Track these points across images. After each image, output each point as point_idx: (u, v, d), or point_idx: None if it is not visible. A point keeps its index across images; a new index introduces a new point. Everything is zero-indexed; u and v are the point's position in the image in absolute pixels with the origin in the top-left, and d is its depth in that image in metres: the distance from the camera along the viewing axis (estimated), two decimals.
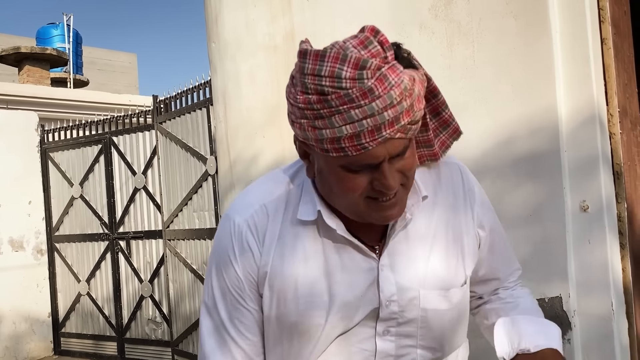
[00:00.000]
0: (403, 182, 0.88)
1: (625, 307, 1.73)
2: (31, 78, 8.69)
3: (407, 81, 0.80)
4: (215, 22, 2.74)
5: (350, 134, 0.80)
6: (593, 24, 1.74)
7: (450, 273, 0.98)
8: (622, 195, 1.77)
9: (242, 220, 0.95)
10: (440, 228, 0.98)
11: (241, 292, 0.96)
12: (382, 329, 0.95)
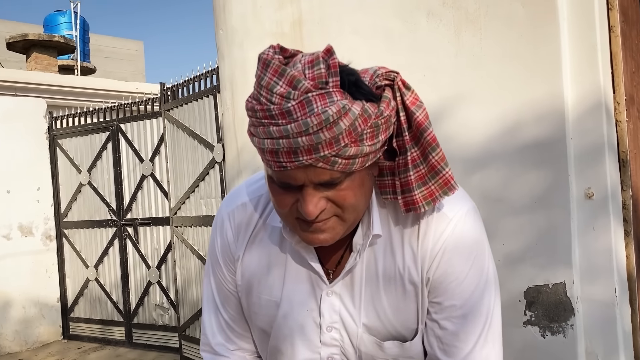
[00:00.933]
0: (338, 214, 0.83)
1: (628, 293, 1.75)
2: (39, 65, 8.73)
3: (331, 113, 0.74)
4: (223, 9, 2.75)
5: (270, 149, 0.78)
6: (601, 11, 1.74)
7: (389, 324, 0.93)
8: (627, 183, 1.78)
9: (225, 212, 1.01)
10: (391, 274, 0.91)
11: (222, 273, 1.02)
12: (325, 355, 0.96)
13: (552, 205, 1.75)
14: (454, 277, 0.89)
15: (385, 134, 0.80)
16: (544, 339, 1.78)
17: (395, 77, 0.82)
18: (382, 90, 0.81)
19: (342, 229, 0.85)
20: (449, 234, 0.89)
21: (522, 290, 1.81)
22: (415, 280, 0.90)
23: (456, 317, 0.90)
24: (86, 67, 10.42)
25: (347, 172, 0.79)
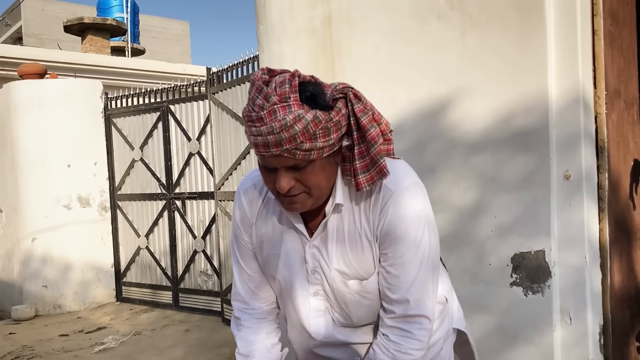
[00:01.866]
0: (306, 191, 1.18)
1: (600, 260, 2.07)
2: (93, 47, 9.35)
3: (289, 119, 1.08)
4: (263, 7, 3.13)
5: (254, 143, 1.14)
6: (584, 18, 2.04)
7: (352, 267, 1.28)
8: (604, 167, 2.09)
9: (241, 191, 1.39)
10: (353, 232, 1.26)
11: (243, 238, 1.40)
12: (312, 291, 1.33)
13: (536, 184, 2.08)
14: (395, 235, 1.22)
15: (336, 133, 1.15)
16: (526, 297, 2.12)
17: (349, 91, 1.17)
18: (336, 102, 1.15)
19: (311, 201, 1.21)
20: (390, 203, 1.22)
21: (510, 256, 2.15)
22: (370, 237, 1.25)
23: (397, 265, 1.24)
24: (136, 49, 11.01)
25: (307, 160, 1.13)
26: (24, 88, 6.06)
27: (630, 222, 2.34)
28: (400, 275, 1.24)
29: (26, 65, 6.18)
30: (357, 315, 1.33)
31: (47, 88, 6.07)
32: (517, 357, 2.14)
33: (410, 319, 1.25)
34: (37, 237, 6.03)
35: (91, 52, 9.19)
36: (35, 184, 6.02)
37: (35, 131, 6.03)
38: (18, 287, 6.18)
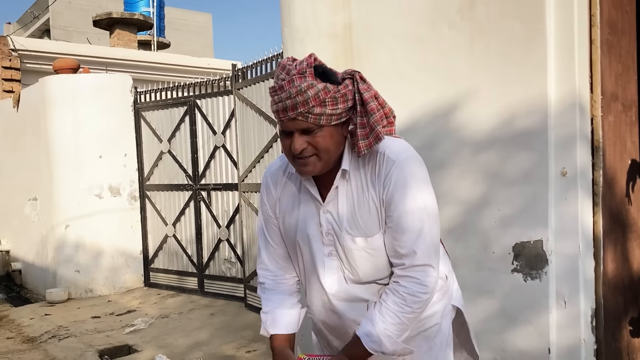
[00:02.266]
0: (315, 153, 1.44)
1: (593, 250, 2.29)
2: (120, 41, 9.68)
3: (304, 86, 1.36)
4: (288, 11, 3.37)
5: (275, 110, 1.43)
6: (581, 29, 2.24)
7: (360, 226, 1.50)
8: (599, 165, 2.29)
9: (268, 173, 1.68)
10: (361, 197, 1.50)
11: (268, 214, 1.67)
12: (327, 252, 1.56)
13: (536, 180, 2.29)
14: (399, 198, 1.46)
15: (343, 104, 1.42)
16: (525, 282, 2.35)
17: (356, 74, 1.46)
18: (344, 80, 1.44)
19: (320, 164, 1.46)
20: (393, 171, 1.46)
21: (511, 245, 2.38)
22: (376, 201, 1.49)
23: (403, 223, 1.46)
24: (161, 42, 11.34)
25: (317, 124, 1.41)
26: (59, 82, 6.40)
27: (625, 217, 2.54)
28: (407, 232, 1.46)
29: (61, 61, 6.52)
30: (363, 271, 1.55)
31: (80, 82, 6.39)
32: (517, 336, 2.37)
33: (417, 268, 1.47)
34: (70, 225, 6.38)
35: (119, 46, 9.53)
36: (69, 174, 6.37)
37: (69, 124, 6.37)
38: (52, 272, 6.55)
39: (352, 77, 1.46)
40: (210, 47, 19.68)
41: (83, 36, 15.86)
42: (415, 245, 1.47)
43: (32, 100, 6.77)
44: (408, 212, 1.46)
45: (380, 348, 1.49)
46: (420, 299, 1.48)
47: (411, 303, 1.47)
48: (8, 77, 7.76)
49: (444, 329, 1.69)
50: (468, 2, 2.47)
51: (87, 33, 16.26)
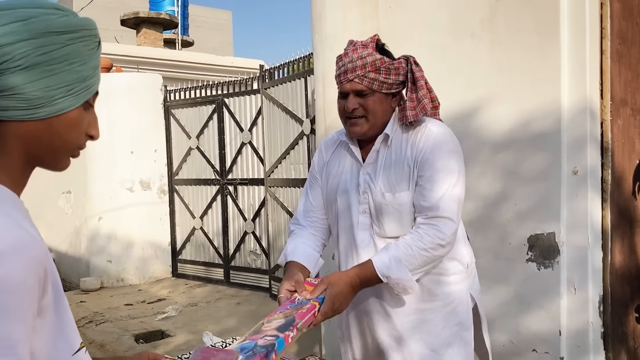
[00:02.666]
0: (364, 115, 1.69)
1: (601, 242, 2.51)
2: (147, 40, 10.00)
3: (364, 53, 1.66)
4: (319, 19, 3.62)
5: (337, 74, 1.71)
6: (593, 40, 2.46)
7: (392, 185, 1.72)
8: (608, 165, 2.52)
9: (323, 141, 1.99)
10: (398, 160, 1.72)
11: (315, 175, 1.94)
12: (362, 209, 1.77)
13: (549, 178, 2.52)
14: (432, 161, 1.66)
15: (394, 76, 1.68)
16: (539, 271, 2.58)
17: (410, 57, 1.74)
18: (400, 59, 1.72)
19: (367, 125, 1.71)
20: (431, 139, 1.69)
21: (526, 237, 2.61)
22: (410, 163, 1.70)
23: (432, 182, 1.66)
24: (185, 41, 11.66)
25: (370, 88, 1.66)
26: None
27: (633, 212, 2.76)
28: (434, 189, 1.65)
29: None
30: (388, 225, 1.74)
31: (113, 81, 6.71)
32: (530, 320, 2.61)
33: (438, 218, 1.64)
34: (103, 217, 6.72)
35: (145, 44, 9.85)
36: (102, 169, 6.69)
37: (103, 121, 6.53)
38: (85, 261, 6.90)
39: (407, 59, 1.73)
40: (230, 44, 19.96)
41: (107, 33, 16.24)
42: (440, 200, 1.64)
43: None
44: (439, 170, 1.66)
45: (388, 271, 1.62)
46: (437, 242, 1.63)
47: (427, 242, 1.62)
48: None
49: (461, 312, 1.80)
50: (489, 15, 2.70)
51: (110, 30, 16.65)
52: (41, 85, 0.86)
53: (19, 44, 0.84)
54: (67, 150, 0.96)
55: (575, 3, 2.47)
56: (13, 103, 0.85)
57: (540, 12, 2.52)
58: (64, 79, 0.89)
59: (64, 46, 0.88)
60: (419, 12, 3.02)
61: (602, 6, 2.50)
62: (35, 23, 0.86)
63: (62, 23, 0.88)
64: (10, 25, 0.84)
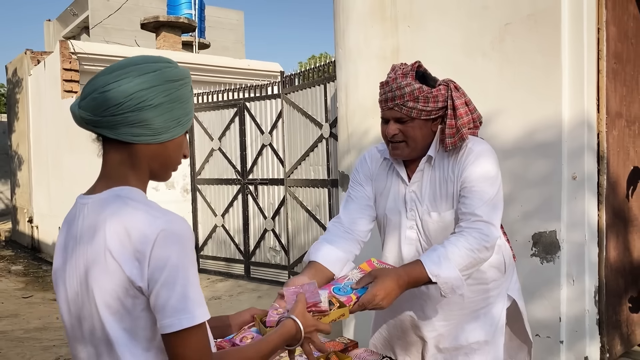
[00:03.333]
0: (405, 140, 1.78)
1: (597, 239, 2.86)
2: (166, 43, 10.38)
3: (403, 83, 1.73)
4: (343, 35, 3.97)
5: (380, 100, 1.81)
6: (590, 61, 2.80)
7: (437, 204, 1.84)
8: (603, 171, 2.86)
9: (367, 154, 2.04)
10: (442, 179, 1.83)
11: (360, 184, 2.00)
12: (409, 225, 1.89)
13: (552, 182, 2.87)
14: (470, 171, 1.77)
15: (433, 104, 1.74)
16: (542, 265, 2.93)
17: (451, 83, 1.79)
18: (440, 86, 1.79)
19: (407, 150, 1.81)
20: (472, 156, 1.78)
21: (531, 234, 2.95)
22: (454, 181, 1.80)
23: (474, 192, 1.75)
24: (202, 43, 12.03)
25: (409, 116, 1.75)
26: None
27: (627, 213, 3.10)
28: (475, 197, 1.75)
29: None
30: (436, 240, 1.84)
31: None
32: (534, 308, 2.95)
33: (481, 222, 1.72)
34: None
35: (164, 47, 10.23)
36: None
37: None
38: None
39: (447, 85, 1.79)
40: (242, 44, 20.30)
41: (121, 34, 16.67)
42: (482, 207, 1.74)
43: None
44: (480, 181, 1.76)
45: (438, 269, 1.65)
46: (482, 244, 1.69)
47: (473, 243, 1.69)
48: (68, 78, 8.51)
49: (495, 313, 1.93)
50: (498, 37, 3.05)
51: (124, 31, 17.07)
52: (163, 119, 1.21)
53: (151, 89, 1.18)
54: (172, 166, 1.31)
55: (575, 28, 2.81)
56: (144, 131, 1.20)
57: (544, 36, 2.86)
58: (177, 114, 1.23)
59: (177, 90, 1.23)
60: (435, 33, 3.37)
61: (599, 31, 2.84)
62: (160, 74, 1.20)
63: (176, 73, 1.23)
64: (145, 76, 1.18)
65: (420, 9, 3.45)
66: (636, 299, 3.17)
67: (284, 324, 1.40)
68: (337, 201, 5.49)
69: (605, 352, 2.92)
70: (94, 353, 1.19)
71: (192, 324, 1.09)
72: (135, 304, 1.12)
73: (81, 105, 1.21)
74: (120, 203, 1.16)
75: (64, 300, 1.23)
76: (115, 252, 1.11)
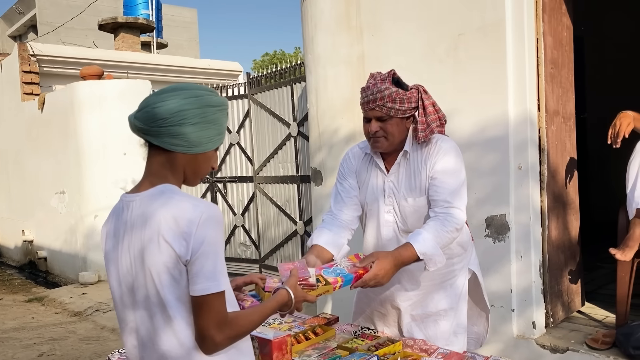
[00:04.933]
0: (384, 136, 2.12)
1: (540, 220, 3.37)
2: (125, 44, 10.53)
3: (382, 87, 2.09)
4: (311, 41, 4.37)
5: (362, 102, 2.16)
6: (530, 66, 3.30)
7: (413, 190, 2.19)
8: (544, 162, 3.37)
9: (350, 151, 2.41)
10: (416, 170, 2.19)
11: (345, 179, 2.36)
12: (386, 210, 2.25)
13: (501, 172, 3.35)
14: (441, 167, 2.15)
15: (407, 104, 2.11)
16: (494, 244, 3.42)
17: (420, 87, 2.20)
18: (412, 89, 2.17)
19: (387, 143, 2.16)
20: (441, 152, 2.16)
21: (485, 217, 3.44)
22: (427, 171, 2.16)
23: (442, 182, 2.13)
24: (160, 43, 12.18)
25: (388, 115, 2.11)
26: (87, 88, 7.30)
27: (565, 198, 3.62)
28: (444, 185, 2.14)
29: (87, 68, 7.41)
30: (411, 222, 2.22)
31: (106, 88, 7.30)
32: (489, 282, 3.43)
33: (452, 208, 2.11)
34: (98, 215, 7.31)
35: (123, 48, 10.37)
36: (97, 170, 7.29)
37: (96, 125, 7.28)
38: (82, 257, 7.48)
39: (417, 89, 2.20)
40: (196, 42, 20.39)
41: (72, 33, 16.53)
42: (452, 194, 2.14)
43: (59, 103, 7.65)
44: (448, 173, 2.16)
45: (425, 249, 2.01)
46: (454, 226, 2.09)
47: (447, 224, 2.08)
48: (28, 80, 8.60)
49: (459, 284, 2.34)
50: (453, 46, 3.52)
51: (75, 29, 16.93)
52: (198, 135, 1.53)
53: (192, 110, 1.52)
54: (201, 174, 1.65)
55: (518, 38, 3.31)
56: (181, 142, 1.53)
57: (492, 45, 3.35)
58: (210, 133, 1.56)
59: (214, 114, 1.56)
60: (397, 41, 3.82)
61: (538, 40, 3.34)
62: (202, 99, 1.53)
63: (215, 100, 1.57)
64: (189, 99, 1.52)
65: (382, 20, 3.89)
66: (575, 272, 3.71)
67: (279, 293, 1.69)
68: (306, 196, 5.90)
69: (549, 318, 3.44)
70: (146, 315, 1.51)
71: (218, 290, 1.39)
72: (182, 275, 1.44)
73: (137, 116, 1.55)
74: (166, 197, 1.49)
75: (115, 276, 1.56)
76: (166, 234, 1.43)
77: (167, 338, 1.47)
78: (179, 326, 1.45)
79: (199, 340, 1.44)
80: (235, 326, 1.46)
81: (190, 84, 1.58)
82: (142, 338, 1.53)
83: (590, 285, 4.15)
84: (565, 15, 3.60)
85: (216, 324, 1.41)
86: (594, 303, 3.88)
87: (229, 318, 1.44)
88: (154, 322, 1.49)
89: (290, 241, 6.21)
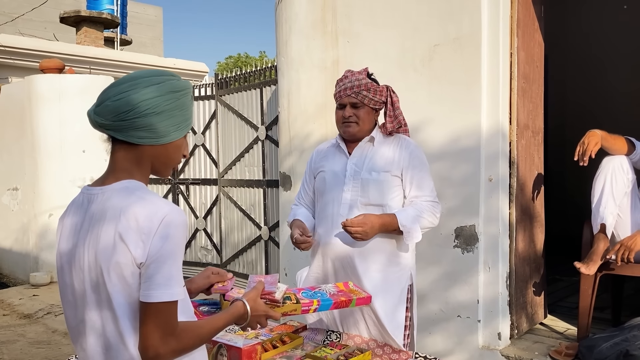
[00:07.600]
0: (356, 121, 2.44)
1: (509, 232, 3.43)
2: (87, 39, 10.28)
3: (359, 77, 2.46)
4: (285, 44, 4.35)
5: (337, 91, 2.49)
6: (504, 80, 3.37)
7: (375, 166, 2.43)
8: (514, 174, 3.43)
9: (315, 150, 2.75)
10: (381, 153, 2.47)
11: (309, 174, 2.68)
12: (347, 188, 2.47)
13: (471, 183, 3.40)
14: (414, 165, 2.46)
15: (379, 96, 2.46)
16: (463, 254, 3.45)
17: (389, 86, 2.55)
18: (382, 86, 2.51)
19: (357, 128, 2.47)
20: (409, 149, 2.48)
21: (454, 228, 3.47)
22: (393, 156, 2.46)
23: (419, 178, 2.47)
24: (124, 39, 11.94)
25: (362, 102, 2.44)
26: (46, 81, 7.08)
27: (532, 211, 3.70)
28: (425, 185, 2.48)
29: (47, 61, 7.19)
30: (372, 194, 2.45)
31: (67, 82, 7.10)
32: (456, 292, 3.47)
33: (435, 202, 2.49)
34: (53, 213, 7.08)
35: (86, 43, 10.12)
36: (54, 167, 7.06)
37: (55, 120, 7.06)
38: (34, 257, 7.22)
39: (387, 87, 2.53)
40: (160, 40, 20.09)
41: (30, 25, 16.04)
42: (432, 191, 2.51)
43: (15, 95, 7.39)
44: (424, 175, 2.50)
45: (406, 220, 2.35)
46: (438, 215, 2.47)
47: (431, 209, 2.45)
48: None
49: (408, 278, 2.51)
50: (428, 55, 3.56)
51: (33, 21, 16.43)
52: (165, 124, 1.47)
53: (155, 99, 1.44)
54: (172, 164, 1.58)
55: (493, 51, 3.37)
56: (148, 134, 1.45)
57: (467, 57, 3.39)
58: (177, 120, 1.50)
59: (178, 100, 1.49)
60: (372, 48, 3.84)
61: (512, 55, 3.41)
62: (164, 85, 1.46)
63: (177, 85, 1.50)
64: (150, 87, 1.44)
65: (358, 26, 3.91)
66: (538, 284, 3.78)
67: (235, 305, 1.58)
68: (272, 200, 5.85)
69: (514, 329, 3.49)
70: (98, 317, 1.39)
71: (170, 299, 1.31)
72: (134, 278, 1.34)
73: (96, 111, 1.47)
74: (129, 193, 1.40)
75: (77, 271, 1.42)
76: (123, 233, 1.34)
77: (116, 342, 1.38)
78: (127, 332, 1.37)
79: (141, 349, 1.35)
80: (183, 339, 1.37)
81: (147, 71, 1.49)
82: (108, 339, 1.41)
83: (551, 298, 4.25)
84: (537, 31, 3.69)
85: (162, 335, 1.33)
86: (555, 315, 3.97)
87: (177, 330, 1.36)
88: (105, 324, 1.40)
89: (254, 246, 6.14)
